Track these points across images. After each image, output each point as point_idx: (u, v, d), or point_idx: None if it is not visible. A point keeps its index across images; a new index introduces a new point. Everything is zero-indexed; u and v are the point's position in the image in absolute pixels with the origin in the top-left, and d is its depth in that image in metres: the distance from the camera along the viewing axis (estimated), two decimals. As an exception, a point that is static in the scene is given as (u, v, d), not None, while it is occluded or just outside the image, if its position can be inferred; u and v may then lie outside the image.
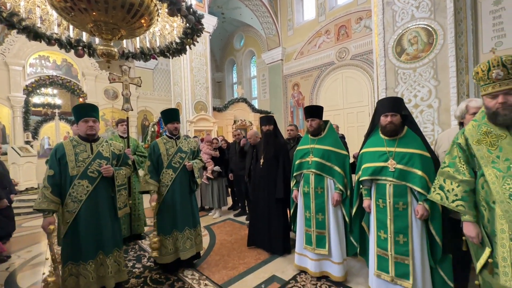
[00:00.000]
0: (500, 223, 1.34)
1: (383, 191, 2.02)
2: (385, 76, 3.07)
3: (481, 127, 1.47)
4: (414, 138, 2.03)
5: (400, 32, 2.95)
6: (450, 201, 1.53)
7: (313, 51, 9.55)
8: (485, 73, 1.39)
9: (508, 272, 1.32)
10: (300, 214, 2.68)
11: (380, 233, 2.05)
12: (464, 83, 2.58)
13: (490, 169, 1.38)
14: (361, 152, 2.26)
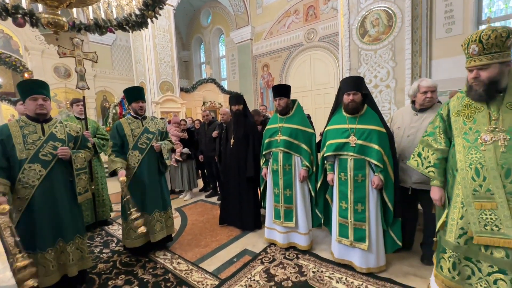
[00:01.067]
0: (457, 188, 1.48)
1: (344, 165, 2.19)
2: (349, 57, 3.19)
3: (464, 99, 1.51)
4: (373, 116, 2.19)
5: (363, 14, 3.04)
6: (424, 167, 1.68)
7: (282, 31, 9.46)
8: (465, 48, 1.42)
9: (452, 230, 1.49)
10: (269, 191, 2.78)
11: (341, 204, 2.24)
12: (417, 64, 2.80)
13: (460, 139, 1.47)
14: (325, 129, 2.39)
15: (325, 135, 2.38)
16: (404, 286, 2.00)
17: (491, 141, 1.37)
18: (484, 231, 1.38)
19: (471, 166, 1.41)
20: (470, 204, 1.41)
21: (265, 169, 2.82)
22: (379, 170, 2.09)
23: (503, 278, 1.35)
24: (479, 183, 1.38)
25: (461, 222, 1.46)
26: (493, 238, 1.35)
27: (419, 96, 2.18)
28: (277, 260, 2.47)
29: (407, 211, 2.36)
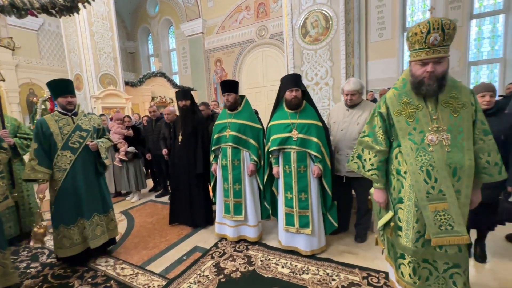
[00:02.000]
0: (409, 192, 1.42)
1: (288, 158, 2.33)
2: (293, 56, 3.36)
3: (402, 96, 1.43)
4: (311, 111, 2.38)
5: (305, 15, 3.23)
6: (366, 170, 1.59)
7: (234, 26, 9.43)
8: (424, 36, 1.25)
9: (409, 235, 1.45)
10: (219, 186, 2.80)
11: (287, 194, 2.39)
12: (351, 65, 3.10)
13: (406, 141, 1.40)
14: (269, 125, 2.49)
15: (269, 130, 2.47)
16: (340, 263, 2.25)
17: (437, 141, 1.34)
18: (440, 231, 1.37)
19: (422, 168, 1.36)
20: (425, 207, 1.37)
21: (215, 164, 2.82)
22: (318, 161, 2.28)
23: (457, 271, 1.41)
24: (431, 185, 1.35)
25: (417, 226, 1.43)
26: (448, 237, 1.36)
27: (344, 97, 2.46)
28: (228, 254, 2.52)
29: (343, 197, 2.64)
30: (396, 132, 1.45)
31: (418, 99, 1.39)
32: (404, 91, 1.44)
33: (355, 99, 2.43)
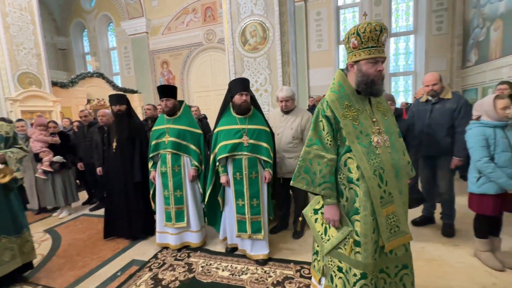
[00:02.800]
0: (364, 200, 1.29)
1: (239, 164, 2.27)
2: (234, 62, 3.45)
3: (343, 100, 1.34)
4: (259, 116, 2.41)
5: (243, 24, 3.35)
6: (316, 185, 1.34)
7: (181, 28, 9.19)
8: (377, 34, 1.22)
9: (368, 248, 1.29)
10: (159, 194, 2.70)
11: (238, 202, 2.32)
12: (287, 73, 3.32)
13: (356, 145, 1.30)
14: (216, 130, 2.37)
15: (215, 136, 2.35)
16: (277, 260, 2.38)
17: (381, 143, 1.32)
18: (391, 235, 1.33)
19: (375, 173, 1.29)
20: (380, 213, 1.30)
21: (154, 172, 2.71)
22: (269, 166, 2.31)
23: (406, 272, 1.40)
24: (383, 189, 1.30)
25: (374, 236, 1.31)
26: (397, 239, 1.34)
27: (279, 103, 2.64)
28: (167, 263, 2.44)
29: (282, 197, 2.81)
30: (343, 136, 1.32)
31: (358, 102, 1.35)
32: (343, 94, 1.35)
33: (289, 105, 2.62)
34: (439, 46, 7.08)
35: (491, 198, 2.00)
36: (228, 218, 2.48)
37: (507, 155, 1.93)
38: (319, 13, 7.81)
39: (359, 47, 1.27)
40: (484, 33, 5.77)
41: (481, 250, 2.18)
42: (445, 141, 2.54)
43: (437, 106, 2.62)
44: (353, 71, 1.33)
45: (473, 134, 2.04)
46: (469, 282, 1.95)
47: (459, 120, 2.47)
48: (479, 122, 2.05)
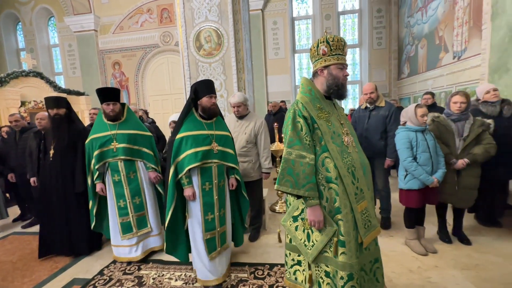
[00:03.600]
0: (344, 198, 1.33)
1: (209, 173, 2.04)
2: (188, 67, 3.41)
3: (315, 102, 1.42)
4: (222, 121, 2.25)
5: (198, 29, 3.35)
6: (300, 186, 1.32)
7: (135, 28, 8.73)
8: (342, 44, 1.39)
9: (352, 247, 1.31)
10: (111, 206, 2.50)
11: (207, 217, 2.03)
12: (242, 80, 3.40)
13: (331, 144, 1.35)
14: (181, 136, 1.99)
15: (179, 143, 1.99)
16: (233, 264, 2.39)
17: (350, 143, 1.42)
18: (366, 230, 1.38)
19: (349, 170, 1.36)
20: (356, 209, 1.35)
21: (100, 184, 2.50)
22: (236, 172, 2.22)
23: (378, 265, 1.48)
24: (356, 186, 1.37)
25: (354, 233, 1.35)
26: (371, 234, 1.41)
27: (232, 109, 2.71)
28: (115, 279, 2.27)
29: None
30: (320, 136, 1.36)
31: (327, 105, 1.44)
32: (314, 97, 1.43)
33: (241, 110, 2.69)
34: (380, 59, 7.97)
35: (415, 193, 2.32)
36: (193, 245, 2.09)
37: (426, 155, 2.26)
38: (276, 22, 8.16)
39: (328, 53, 1.39)
40: (414, 50, 6.67)
41: (409, 239, 2.50)
42: (379, 144, 2.87)
43: (373, 112, 2.96)
44: (323, 76, 1.43)
45: (400, 137, 2.35)
46: (399, 267, 2.23)
47: (390, 125, 2.82)
48: (405, 127, 2.38)
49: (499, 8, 3.64)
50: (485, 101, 2.76)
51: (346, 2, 8.30)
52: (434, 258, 2.32)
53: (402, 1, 7.29)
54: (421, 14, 6.26)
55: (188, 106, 2.12)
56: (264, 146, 2.75)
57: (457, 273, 2.11)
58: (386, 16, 7.83)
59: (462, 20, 4.73)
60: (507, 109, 2.67)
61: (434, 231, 2.71)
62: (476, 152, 2.35)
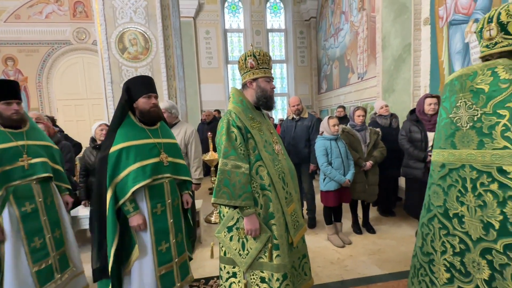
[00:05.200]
0: (276, 203, 1.42)
1: (161, 192, 1.64)
2: (110, 70, 3.08)
3: (247, 112, 1.47)
4: (167, 126, 1.88)
5: (121, 30, 3.07)
6: (237, 196, 1.32)
7: (38, 19, 7.32)
8: (268, 59, 1.48)
9: (284, 249, 1.41)
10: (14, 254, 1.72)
11: (161, 247, 1.63)
12: (173, 87, 3.27)
13: (264, 152, 1.42)
14: (118, 147, 1.54)
15: (116, 158, 1.53)
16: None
17: (279, 150, 1.53)
18: (295, 230, 1.50)
19: (280, 176, 1.46)
20: (286, 212, 1.46)
21: None
22: (189, 187, 1.89)
23: (305, 260, 1.61)
24: (286, 190, 1.48)
25: (286, 235, 1.46)
26: (299, 232, 1.54)
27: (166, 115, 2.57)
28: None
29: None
30: (254, 145, 1.42)
31: (258, 115, 1.51)
32: (245, 107, 1.47)
33: (167, 118, 2.56)
34: (303, 75, 8.94)
35: (332, 193, 2.67)
36: None
37: (339, 160, 2.64)
38: (208, 32, 8.20)
39: (256, 67, 1.46)
40: (329, 69, 7.76)
41: (330, 234, 2.84)
42: (304, 151, 3.20)
43: (299, 123, 3.28)
44: (252, 88, 1.49)
45: (318, 145, 2.68)
46: (323, 261, 2.50)
47: (312, 134, 3.18)
48: (322, 136, 2.73)
49: (386, 42, 4.63)
50: (380, 114, 3.43)
51: (273, 21, 9.05)
52: (349, 249, 2.70)
53: (319, 27, 8.43)
54: (333, 39, 7.36)
55: (122, 110, 1.65)
56: (194, 155, 2.66)
57: (366, 258, 2.50)
58: (307, 38, 8.88)
59: (363, 48, 5.80)
60: (394, 121, 3.39)
61: (349, 225, 3.16)
62: (376, 155, 2.90)
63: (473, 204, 1.06)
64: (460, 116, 1.11)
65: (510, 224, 0.95)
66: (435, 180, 1.23)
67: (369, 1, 5.45)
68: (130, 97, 1.63)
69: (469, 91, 1.07)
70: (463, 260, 1.11)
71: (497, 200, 0.99)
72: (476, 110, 1.05)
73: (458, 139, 1.12)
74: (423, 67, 3.87)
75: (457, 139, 1.12)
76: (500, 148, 0.98)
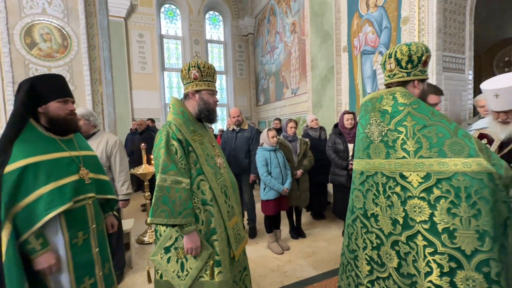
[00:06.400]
0: (219, 218, 1.39)
1: (83, 217, 1.36)
2: (11, 67, 2.53)
3: (188, 124, 1.42)
4: (82, 136, 1.61)
5: (29, 22, 2.59)
6: (177, 214, 1.25)
7: None
8: (212, 71, 1.46)
9: (226, 264, 1.38)
10: None
11: (85, 284, 1.33)
12: (98, 92, 2.89)
13: (206, 166, 1.40)
14: (20, 165, 1.17)
15: (17, 179, 1.16)
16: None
17: (222, 163, 1.52)
18: (236, 243, 1.48)
19: (222, 190, 1.44)
20: (229, 226, 1.44)
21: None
22: (113, 206, 1.64)
23: (246, 273, 1.61)
24: (228, 204, 1.47)
25: (227, 250, 1.43)
26: (241, 245, 1.53)
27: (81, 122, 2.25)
28: None
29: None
30: (195, 159, 1.38)
31: (200, 127, 1.48)
32: (187, 119, 1.42)
33: (83, 125, 2.24)
34: (242, 87, 9.21)
35: (272, 202, 2.78)
36: None
37: (277, 170, 2.79)
38: (142, 35, 7.66)
39: (200, 78, 1.43)
40: (266, 83, 8.23)
41: (270, 242, 2.93)
42: (245, 162, 3.25)
43: (239, 134, 3.34)
44: (195, 100, 1.46)
45: (258, 156, 2.78)
46: (264, 269, 2.54)
47: (252, 145, 3.27)
48: (262, 147, 2.84)
49: (314, 63, 5.22)
50: (311, 127, 3.80)
51: (213, 33, 9.11)
52: (288, 254, 2.83)
53: (256, 43, 8.90)
54: (270, 56, 7.88)
55: (21, 116, 1.26)
56: (120, 169, 2.34)
57: (303, 261, 2.67)
58: (245, 52, 9.25)
59: (295, 67, 6.39)
60: (323, 134, 3.80)
61: (287, 231, 3.33)
62: (305, 164, 3.18)
63: (384, 205, 1.26)
64: (373, 131, 1.31)
65: (410, 219, 1.16)
66: (356, 185, 1.42)
67: (300, 26, 6.08)
68: (36, 100, 1.28)
69: (378, 111, 1.28)
70: (379, 253, 1.29)
71: (400, 200, 1.19)
72: (383, 127, 1.25)
73: (372, 150, 1.31)
74: (344, 87, 4.50)
75: (371, 151, 1.32)
76: (401, 158, 1.19)
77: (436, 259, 1.08)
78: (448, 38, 3.03)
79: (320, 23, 4.97)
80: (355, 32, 4.23)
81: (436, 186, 1.09)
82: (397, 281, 1.22)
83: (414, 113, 1.17)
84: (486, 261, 1.00)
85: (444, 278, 1.06)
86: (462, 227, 1.04)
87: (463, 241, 1.03)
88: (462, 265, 1.03)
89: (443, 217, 1.07)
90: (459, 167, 1.05)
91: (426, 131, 1.13)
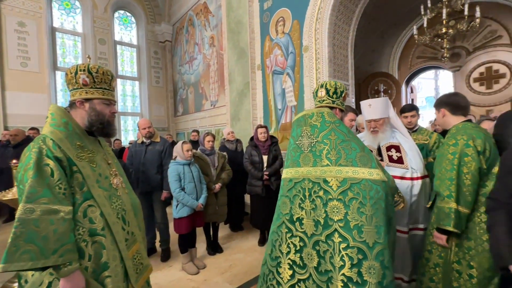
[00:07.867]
0: (113, 249, 1.17)
1: None
2: None
3: (74, 139, 1.19)
4: None
5: None
6: (50, 253, 0.97)
7: None
8: (109, 78, 1.27)
9: None
10: None
11: None
12: None
13: (97, 189, 1.18)
14: None
15: None
16: None
17: (120, 184, 1.32)
18: (137, 275, 1.31)
19: (118, 216, 1.24)
20: (127, 257, 1.24)
21: None
22: None
23: None
24: (127, 231, 1.28)
25: (125, 285, 1.24)
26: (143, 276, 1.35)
27: None
28: None
29: None
30: (81, 181, 1.14)
31: (90, 142, 1.25)
32: (72, 133, 1.19)
33: None
34: (159, 96, 8.60)
35: (185, 220, 2.62)
36: None
37: (192, 184, 2.67)
38: (23, 24, 6.16)
39: (91, 85, 1.23)
40: (185, 93, 7.96)
41: (184, 263, 2.74)
42: (156, 178, 2.98)
43: (150, 147, 3.04)
44: (84, 109, 1.24)
45: (171, 170, 2.60)
46: (176, 295, 2.34)
47: (165, 159, 3.03)
48: (175, 161, 2.67)
49: (232, 77, 5.40)
50: (228, 140, 3.86)
51: (123, 34, 8.22)
52: (204, 273, 2.70)
53: (174, 51, 8.55)
54: (188, 66, 7.69)
55: None
56: None
57: (219, 278, 2.60)
58: (162, 59, 8.72)
59: (214, 79, 6.44)
60: (239, 146, 3.91)
61: (204, 247, 3.20)
62: (224, 177, 3.17)
63: (309, 208, 1.40)
64: (303, 143, 1.49)
65: (329, 219, 1.33)
66: (284, 192, 1.54)
67: (218, 40, 6.21)
68: None
69: (309, 126, 1.49)
70: (302, 256, 1.41)
71: (323, 203, 1.36)
72: (313, 139, 1.45)
73: (302, 159, 1.48)
74: (258, 102, 4.81)
75: (301, 160, 1.48)
76: (325, 165, 1.38)
77: (348, 253, 1.25)
78: (336, 67, 3.69)
79: (237, 40, 5.21)
80: (267, 52, 4.62)
81: (350, 189, 1.31)
82: (316, 280, 1.35)
83: (337, 130, 1.41)
84: (382, 251, 1.22)
85: (353, 270, 1.25)
86: (367, 223, 1.25)
87: (367, 235, 1.24)
88: (366, 256, 1.23)
89: (354, 215, 1.27)
90: (366, 175, 1.30)
91: (344, 144, 1.38)
